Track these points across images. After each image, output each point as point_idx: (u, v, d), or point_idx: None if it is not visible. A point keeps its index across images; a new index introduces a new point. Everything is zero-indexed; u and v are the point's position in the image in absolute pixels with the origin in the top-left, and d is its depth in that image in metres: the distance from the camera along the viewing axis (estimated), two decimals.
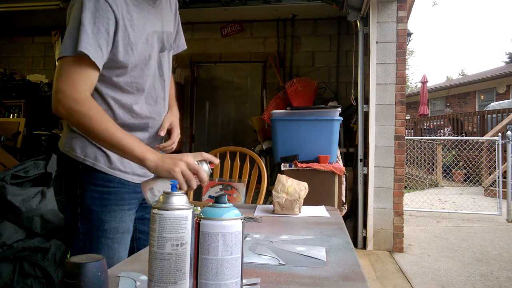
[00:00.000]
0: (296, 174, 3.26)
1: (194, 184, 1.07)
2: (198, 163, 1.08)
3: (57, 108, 1.07)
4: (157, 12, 1.24)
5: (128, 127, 1.21)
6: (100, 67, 1.09)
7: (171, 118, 1.35)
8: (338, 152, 3.79)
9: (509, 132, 5.92)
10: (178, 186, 1.05)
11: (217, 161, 1.11)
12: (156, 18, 1.24)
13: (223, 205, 0.76)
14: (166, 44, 1.30)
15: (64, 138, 1.25)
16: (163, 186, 1.07)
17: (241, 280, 0.76)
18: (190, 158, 1.07)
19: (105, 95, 1.19)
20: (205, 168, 1.09)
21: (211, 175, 2.51)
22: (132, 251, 1.33)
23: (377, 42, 3.92)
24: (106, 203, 1.22)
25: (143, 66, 1.21)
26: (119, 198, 1.24)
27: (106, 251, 1.21)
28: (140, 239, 1.39)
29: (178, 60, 5.62)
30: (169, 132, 1.35)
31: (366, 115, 4.02)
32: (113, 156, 1.23)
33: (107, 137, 1.07)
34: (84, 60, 1.06)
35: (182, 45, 1.47)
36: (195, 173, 1.06)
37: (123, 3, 1.12)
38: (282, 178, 1.75)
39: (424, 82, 12.76)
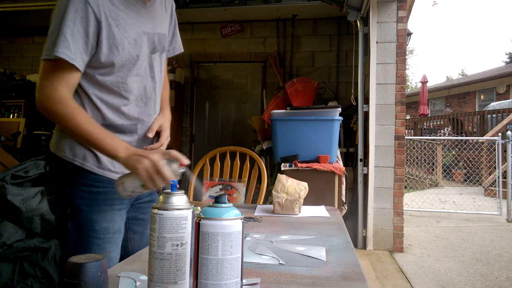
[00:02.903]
0: (296, 174, 3.26)
1: (159, 182, 1.08)
2: (166, 162, 1.09)
3: (38, 106, 1.12)
4: (149, 13, 1.23)
5: (117, 128, 1.22)
6: (80, 67, 1.11)
7: (161, 120, 1.34)
8: (338, 152, 3.79)
9: (509, 132, 5.92)
10: (141, 182, 1.09)
11: (186, 161, 1.11)
12: (147, 20, 1.23)
13: (223, 205, 0.76)
14: (158, 46, 1.28)
15: (54, 138, 1.26)
16: (133, 181, 1.11)
17: (241, 280, 0.76)
18: (157, 156, 1.09)
19: (92, 96, 1.19)
20: (173, 167, 1.09)
21: (211, 175, 2.52)
22: (126, 251, 1.33)
23: (377, 42, 3.92)
24: (96, 203, 1.22)
25: (131, 67, 1.20)
26: (109, 198, 1.23)
27: (96, 251, 1.21)
28: (134, 239, 1.38)
29: (178, 60, 5.62)
30: (158, 135, 1.33)
31: (366, 115, 4.02)
32: (103, 156, 1.22)
33: (79, 132, 1.11)
34: (62, 62, 1.08)
35: (178, 48, 1.46)
36: (158, 171, 1.07)
37: (108, 3, 1.12)
38: (282, 178, 1.76)
39: (424, 82, 12.76)
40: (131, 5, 1.18)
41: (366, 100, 4.02)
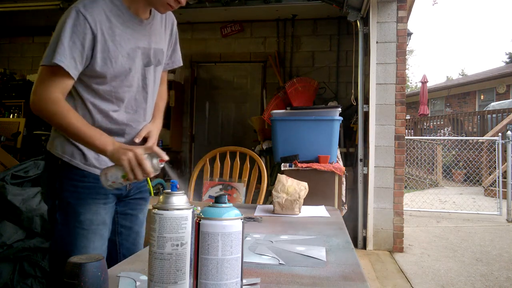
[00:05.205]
0: (296, 174, 3.26)
1: (139, 173, 1.19)
2: (148, 156, 1.20)
3: (32, 107, 1.23)
4: (145, 30, 1.34)
5: (106, 131, 1.30)
6: (74, 75, 1.21)
7: (150, 127, 1.43)
8: (338, 152, 3.79)
9: (509, 132, 5.92)
10: (123, 173, 1.21)
11: (166, 157, 1.23)
12: (143, 36, 1.33)
13: (223, 205, 0.76)
14: (153, 60, 1.38)
15: (50, 137, 1.39)
16: (115, 172, 1.21)
17: (241, 280, 0.76)
18: (140, 150, 1.21)
19: (86, 101, 1.30)
20: (153, 162, 1.21)
21: (211, 175, 2.52)
22: (114, 244, 1.44)
23: (377, 42, 3.92)
24: (82, 196, 1.32)
25: (123, 78, 1.31)
26: (94, 192, 1.33)
27: (81, 240, 1.30)
28: (122, 233, 1.48)
29: None
30: (146, 140, 1.41)
31: (366, 115, 4.02)
32: (90, 154, 1.32)
33: (72, 130, 1.22)
34: (59, 69, 1.19)
35: (177, 62, 1.57)
36: (140, 163, 1.19)
37: (105, 20, 1.23)
38: (282, 178, 1.76)
39: (424, 82, 12.76)
40: (128, 23, 1.29)
41: (366, 100, 4.02)
